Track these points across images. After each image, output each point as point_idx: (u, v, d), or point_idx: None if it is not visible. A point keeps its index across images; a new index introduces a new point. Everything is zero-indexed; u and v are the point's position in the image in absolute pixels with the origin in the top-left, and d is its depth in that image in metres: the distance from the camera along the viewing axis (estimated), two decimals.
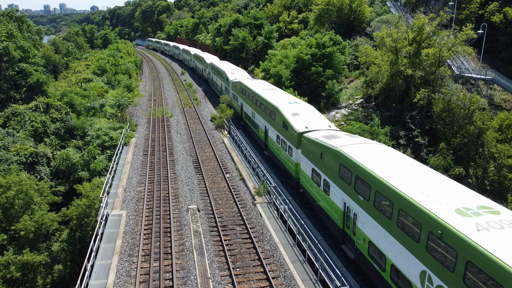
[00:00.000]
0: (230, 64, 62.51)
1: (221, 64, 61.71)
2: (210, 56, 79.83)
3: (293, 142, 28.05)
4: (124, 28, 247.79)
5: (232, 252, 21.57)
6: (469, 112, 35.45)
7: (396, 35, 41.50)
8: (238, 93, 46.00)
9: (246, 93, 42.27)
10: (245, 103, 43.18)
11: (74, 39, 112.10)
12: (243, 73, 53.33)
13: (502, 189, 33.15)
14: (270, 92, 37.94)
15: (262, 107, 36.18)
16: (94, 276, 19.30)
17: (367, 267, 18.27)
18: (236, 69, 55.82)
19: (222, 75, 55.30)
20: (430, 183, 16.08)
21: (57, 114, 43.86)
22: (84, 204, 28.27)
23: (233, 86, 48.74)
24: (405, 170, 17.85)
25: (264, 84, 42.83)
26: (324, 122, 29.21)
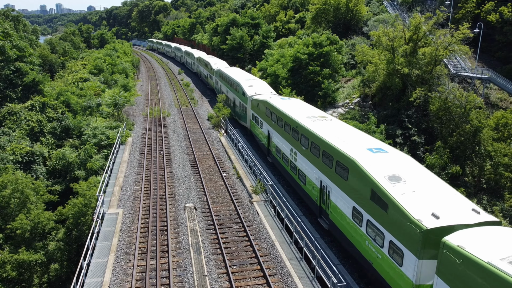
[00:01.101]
0: (244, 73, 52.88)
1: (232, 72, 51.57)
2: (217, 60, 69.92)
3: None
4: (121, 28, 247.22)
5: (229, 250, 21.53)
6: (465, 111, 35.50)
7: (393, 34, 41.53)
8: (263, 116, 35.17)
9: (277, 119, 31.04)
10: (275, 131, 31.83)
11: (70, 39, 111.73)
12: (264, 86, 42.99)
13: (498, 187, 33.21)
14: (322, 124, 25.68)
15: (319, 153, 22.97)
16: (90, 274, 19.22)
17: None
18: (255, 80, 45.55)
19: (236, 88, 45.32)
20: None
21: (53, 113, 43.66)
22: (80, 203, 28.13)
23: (254, 105, 38.49)
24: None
25: (303, 106, 32.15)
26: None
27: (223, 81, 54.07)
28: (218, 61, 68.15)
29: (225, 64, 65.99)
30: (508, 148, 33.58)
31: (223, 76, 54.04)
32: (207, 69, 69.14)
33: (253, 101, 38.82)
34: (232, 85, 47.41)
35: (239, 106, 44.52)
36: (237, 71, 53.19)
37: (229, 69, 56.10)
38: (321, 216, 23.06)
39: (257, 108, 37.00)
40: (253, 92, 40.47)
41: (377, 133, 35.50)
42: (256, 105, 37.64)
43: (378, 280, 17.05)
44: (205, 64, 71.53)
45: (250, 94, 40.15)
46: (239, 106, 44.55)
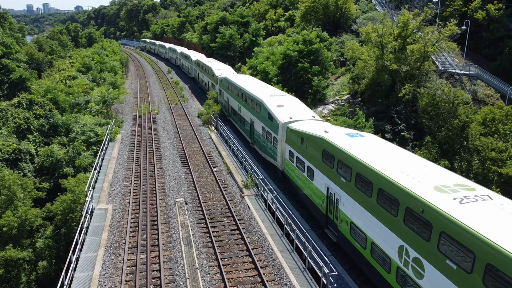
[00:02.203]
0: (261, 83, 41.79)
1: (245, 83, 40.47)
2: (220, 65, 58.73)
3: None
4: (110, 28, 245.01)
5: (220, 243, 21.44)
6: (453, 106, 35.90)
7: (382, 30, 41.88)
8: (316, 161, 22.77)
9: (356, 177, 18.66)
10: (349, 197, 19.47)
11: (58, 37, 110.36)
12: (299, 106, 31.48)
13: (486, 181, 33.60)
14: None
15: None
16: (80, 269, 18.98)
17: None
18: (283, 97, 33.77)
19: (257, 108, 33.71)
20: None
21: (41, 110, 43.06)
22: (69, 199, 27.76)
23: (292, 138, 26.61)
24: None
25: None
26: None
27: (232, 94, 43.56)
28: (222, 66, 57.95)
29: (230, 70, 55.74)
30: (496, 143, 34.03)
31: (232, 87, 43.17)
32: (208, 76, 58.94)
33: (290, 132, 26.84)
34: (247, 101, 36.98)
35: (261, 133, 32.98)
36: (252, 81, 42.68)
37: (240, 78, 44.79)
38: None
39: (301, 144, 24.88)
40: (287, 116, 28.50)
41: (366, 128, 35.72)
42: (297, 140, 25.54)
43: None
44: (205, 69, 61.46)
45: (282, 119, 28.29)
46: (261, 134, 32.98)
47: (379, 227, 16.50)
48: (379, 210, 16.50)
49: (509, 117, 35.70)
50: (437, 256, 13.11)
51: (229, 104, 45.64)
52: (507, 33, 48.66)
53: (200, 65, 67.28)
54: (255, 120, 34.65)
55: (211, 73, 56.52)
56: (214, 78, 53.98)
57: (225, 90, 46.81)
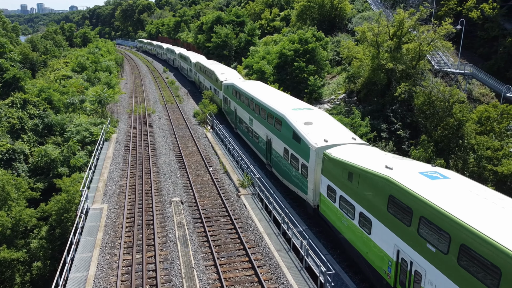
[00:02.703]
0: (280, 93, 35.91)
1: (260, 93, 34.34)
2: (224, 69, 52.02)
3: None
4: (105, 28, 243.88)
5: (216, 243, 21.30)
6: (449, 105, 35.96)
7: (377, 29, 41.90)
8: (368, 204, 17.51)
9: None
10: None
11: (52, 37, 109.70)
12: (329, 121, 26.14)
13: (482, 179, 33.67)
14: None
15: None
16: (74, 269, 18.78)
17: None
18: (309, 111, 27.74)
19: (278, 125, 27.65)
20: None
21: (35, 110, 42.72)
22: (63, 199, 27.53)
23: (328, 164, 20.85)
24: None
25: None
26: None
27: (240, 103, 37.82)
28: (226, 70, 51.21)
29: (235, 74, 49.24)
30: (491, 141, 34.12)
31: (241, 95, 37.71)
32: (211, 81, 52.26)
33: (329, 162, 20.47)
34: (262, 114, 31.16)
35: (282, 156, 26.79)
36: (265, 89, 36.83)
37: (250, 85, 38.59)
38: None
39: (347, 181, 18.68)
40: (320, 138, 22.63)
41: (362, 126, 35.72)
42: (340, 173, 19.30)
43: None
44: (207, 73, 54.98)
45: (315, 142, 22.30)
46: (282, 157, 26.79)
47: None
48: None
49: (504, 115, 35.79)
50: None
51: (237, 115, 39.63)
52: (502, 32, 48.87)
53: (201, 68, 60.70)
54: (273, 138, 28.60)
55: (214, 78, 50.02)
56: (217, 83, 47.74)
57: (232, 98, 41.14)
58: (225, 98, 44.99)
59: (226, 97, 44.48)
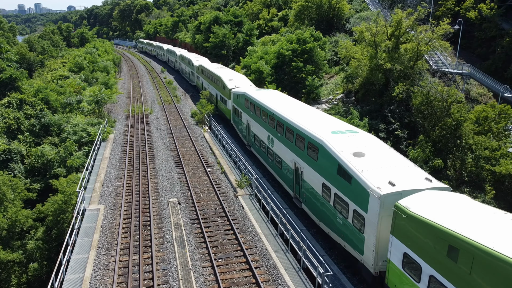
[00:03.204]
0: (308, 108, 30.03)
1: (280, 105, 29.83)
2: (232, 74, 46.96)
3: None
4: (102, 28, 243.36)
5: (214, 244, 21.18)
6: (447, 105, 35.93)
7: (375, 29, 41.84)
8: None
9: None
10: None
11: (50, 37, 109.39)
12: (387, 152, 20.36)
13: (479, 180, 33.68)
14: None
15: None
16: (70, 271, 18.62)
17: None
18: (359, 137, 22.12)
19: (308, 149, 23.02)
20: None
21: (32, 110, 42.52)
22: (60, 200, 27.37)
23: (404, 224, 14.88)
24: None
25: None
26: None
27: (256, 117, 32.69)
28: (234, 76, 46.06)
29: (245, 81, 44.10)
30: (489, 141, 34.09)
31: (256, 108, 32.44)
32: (217, 88, 46.98)
33: (409, 221, 14.68)
34: (287, 134, 25.87)
35: (320, 193, 21.34)
36: (287, 102, 31.46)
37: (267, 96, 33.40)
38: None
39: (448, 258, 12.70)
40: (383, 179, 17.20)
41: (360, 127, 35.64)
42: (430, 242, 13.52)
43: None
44: (213, 78, 49.55)
45: (377, 186, 16.71)
46: (320, 195, 21.34)
47: None
48: None
49: (502, 115, 35.78)
50: None
51: (250, 130, 34.34)
52: (499, 33, 48.89)
53: (204, 73, 55.20)
54: (304, 168, 23.12)
55: (221, 85, 44.99)
56: (225, 91, 42.83)
57: (244, 110, 35.83)
58: (235, 109, 39.23)
59: (236, 108, 38.60)
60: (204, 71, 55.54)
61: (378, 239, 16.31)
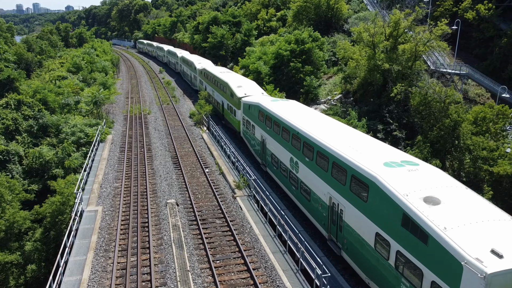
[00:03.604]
0: (341, 125, 25.15)
1: (304, 120, 25.34)
2: (240, 80, 41.63)
3: None
4: (101, 28, 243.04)
5: (212, 245, 21.17)
6: (445, 105, 35.99)
7: (373, 30, 41.87)
8: None
9: None
10: None
11: (48, 37, 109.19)
12: (468, 196, 14.94)
13: (477, 180, 33.74)
14: None
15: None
16: (68, 273, 18.61)
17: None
18: (424, 172, 16.81)
19: (353, 185, 17.87)
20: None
21: (30, 111, 42.45)
22: (58, 201, 27.35)
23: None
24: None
25: None
26: None
27: (273, 133, 27.70)
28: (243, 82, 40.46)
29: (256, 88, 38.97)
30: (487, 142, 34.15)
31: (273, 121, 27.55)
32: (224, 95, 41.69)
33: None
34: (318, 160, 21.18)
35: (373, 246, 16.25)
36: (314, 117, 26.84)
37: (287, 109, 28.46)
38: None
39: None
40: (481, 243, 11.99)
41: (358, 127, 35.69)
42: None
43: None
44: (218, 84, 44.46)
45: (479, 257, 11.39)
46: (373, 248, 16.21)
47: None
48: None
49: (500, 116, 35.84)
50: None
51: (266, 148, 29.35)
52: (497, 33, 48.97)
53: (209, 77, 50.28)
54: (348, 209, 18.03)
55: (228, 92, 39.98)
56: (233, 100, 37.86)
57: (258, 123, 30.89)
58: (246, 121, 34.30)
59: (247, 120, 33.61)
60: (208, 76, 50.36)
61: None
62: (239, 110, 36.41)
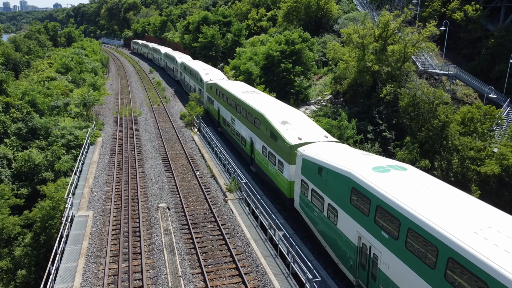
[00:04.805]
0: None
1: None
2: (264, 99, 33.28)
3: None
4: (90, 26, 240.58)
5: (203, 250, 21.26)
6: (433, 106, 36.44)
7: (363, 31, 42.18)
8: None
9: None
10: None
11: (36, 36, 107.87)
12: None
13: (465, 180, 34.26)
14: None
15: None
16: (59, 280, 18.55)
17: None
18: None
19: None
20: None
21: (18, 113, 41.99)
22: (48, 206, 27.14)
23: None
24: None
25: None
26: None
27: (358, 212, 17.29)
28: (282, 109, 29.76)
29: (298, 115, 28.63)
30: (474, 142, 34.69)
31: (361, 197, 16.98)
32: (254, 129, 30.26)
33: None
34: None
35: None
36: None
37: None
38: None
39: None
40: None
41: (349, 128, 35.97)
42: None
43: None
44: (240, 109, 33.68)
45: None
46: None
47: None
48: None
49: (487, 116, 36.43)
50: None
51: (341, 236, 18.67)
52: (485, 34, 49.65)
53: (223, 96, 38.86)
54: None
55: (260, 123, 28.60)
56: (279, 145, 25.23)
57: (319, 185, 20.32)
58: (301, 183, 22.42)
59: (303, 182, 22.06)
60: (223, 93, 38.88)
61: None
62: (289, 165, 23.94)
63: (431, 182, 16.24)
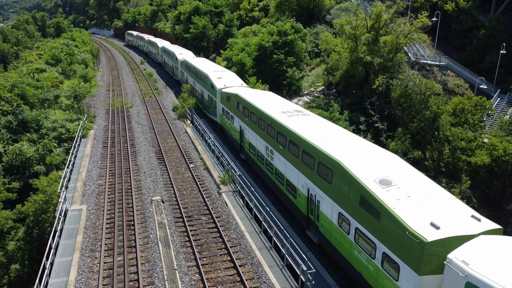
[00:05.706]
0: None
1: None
2: (290, 107, 28.06)
3: None
4: (79, 16, 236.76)
5: (198, 242, 21.37)
6: (425, 97, 36.70)
7: (355, 22, 42.13)
8: None
9: None
10: None
11: (24, 27, 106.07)
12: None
13: (456, 170, 34.70)
14: None
15: None
16: (54, 274, 18.57)
17: None
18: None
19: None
20: None
21: (8, 106, 41.43)
22: (41, 200, 27.02)
23: None
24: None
25: None
26: None
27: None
28: (327, 130, 23.08)
29: (350, 136, 22.29)
30: (465, 133, 35.08)
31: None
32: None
33: None
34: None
35: None
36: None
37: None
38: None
39: None
40: None
41: (341, 120, 36.11)
42: None
43: None
44: (248, 110, 30.03)
45: None
46: None
47: None
48: None
49: (478, 107, 36.81)
50: None
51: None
52: (476, 24, 49.88)
53: (249, 112, 29.84)
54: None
55: (332, 175, 18.55)
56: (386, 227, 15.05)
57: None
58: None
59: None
60: (244, 106, 31.00)
61: None
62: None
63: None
